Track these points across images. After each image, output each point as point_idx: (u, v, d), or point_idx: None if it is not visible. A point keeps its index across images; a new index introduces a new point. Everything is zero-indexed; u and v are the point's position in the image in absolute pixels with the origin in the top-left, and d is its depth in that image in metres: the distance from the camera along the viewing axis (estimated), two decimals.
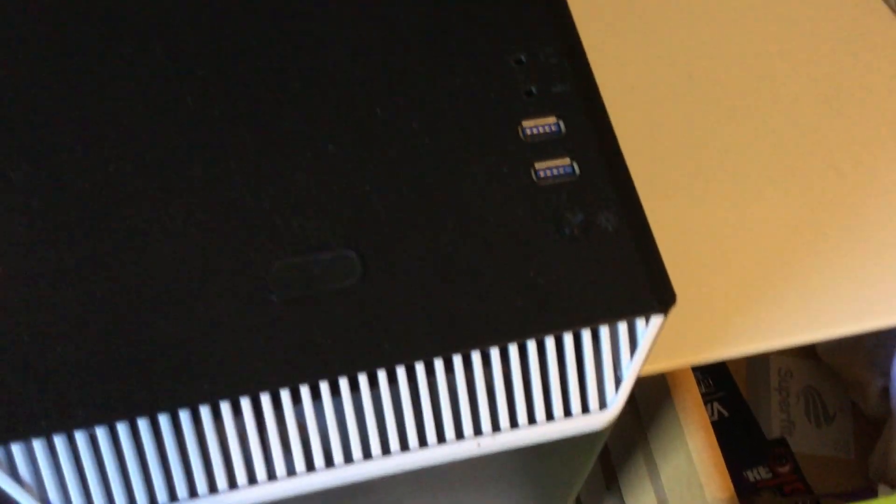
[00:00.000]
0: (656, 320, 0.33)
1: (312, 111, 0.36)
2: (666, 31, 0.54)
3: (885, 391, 0.65)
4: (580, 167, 0.35)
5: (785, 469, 0.69)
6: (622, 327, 0.33)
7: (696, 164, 0.49)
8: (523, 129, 0.36)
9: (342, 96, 0.36)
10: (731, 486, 0.48)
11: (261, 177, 0.34)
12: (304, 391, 0.31)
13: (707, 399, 0.73)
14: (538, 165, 0.35)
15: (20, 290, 0.31)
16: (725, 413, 0.73)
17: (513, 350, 0.32)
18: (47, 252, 0.32)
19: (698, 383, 0.73)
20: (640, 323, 0.33)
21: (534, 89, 0.37)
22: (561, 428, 0.34)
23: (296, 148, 0.35)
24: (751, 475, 0.68)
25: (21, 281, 0.31)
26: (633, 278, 0.32)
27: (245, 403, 0.31)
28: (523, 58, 0.37)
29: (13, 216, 0.32)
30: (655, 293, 0.32)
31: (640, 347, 0.33)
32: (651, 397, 0.54)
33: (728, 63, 0.53)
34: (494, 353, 0.32)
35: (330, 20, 0.37)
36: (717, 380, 0.74)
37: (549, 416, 0.33)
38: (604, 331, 0.33)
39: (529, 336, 0.32)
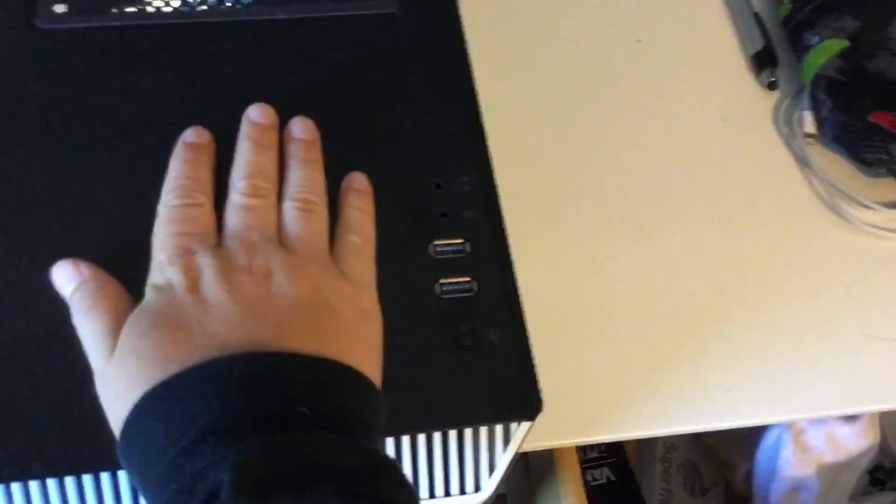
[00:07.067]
0: (526, 423, 0.39)
1: None
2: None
3: (750, 474, 0.73)
4: (479, 285, 0.41)
5: None
6: (498, 426, 0.40)
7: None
8: (434, 247, 0.42)
9: None
10: None
11: None
12: None
13: (598, 464, 0.80)
14: (442, 281, 0.41)
15: None
16: (613, 478, 0.80)
17: (405, 440, 0.39)
18: (18, 322, 0.38)
19: (592, 448, 0.80)
20: (513, 423, 0.40)
21: (448, 212, 0.43)
22: None
23: None
24: None
25: None
26: (509, 388, 0.39)
27: None
28: (442, 183, 0.44)
29: None
30: (527, 403, 0.39)
31: (512, 443, 0.40)
32: (541, 467, 0.61)
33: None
34: (389, 440, 0.39)
35: None
36: (609, 446, 0.82)
37: (432, 495, 0.40)
38: (483, 427, 0.40)
39: (418, 431, 0.38)
